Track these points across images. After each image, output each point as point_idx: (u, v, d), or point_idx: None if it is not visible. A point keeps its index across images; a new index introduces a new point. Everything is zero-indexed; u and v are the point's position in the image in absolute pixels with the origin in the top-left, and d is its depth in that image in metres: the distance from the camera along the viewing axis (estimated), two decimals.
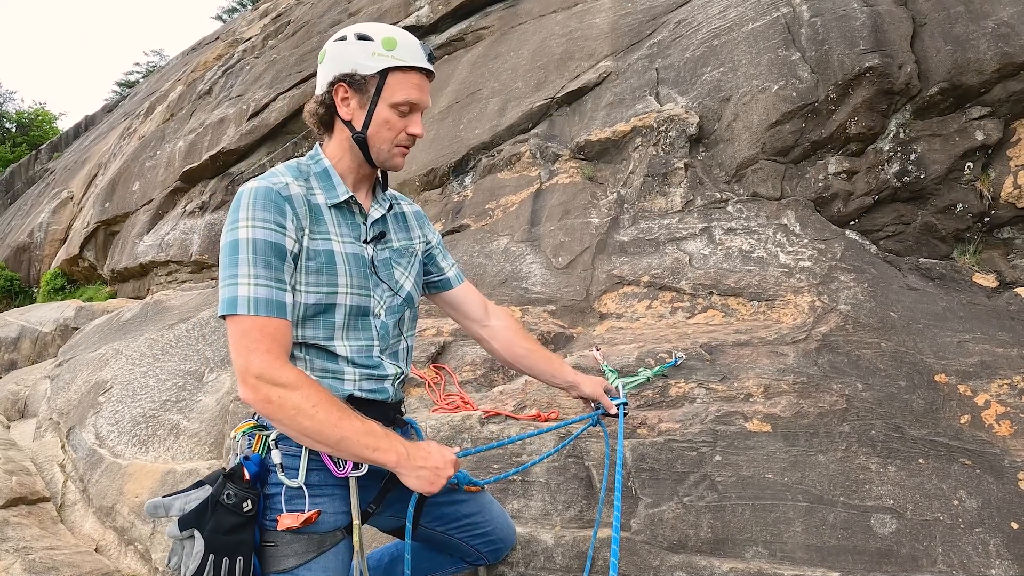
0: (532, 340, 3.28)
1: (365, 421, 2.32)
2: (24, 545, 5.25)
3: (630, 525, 3.47)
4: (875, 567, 3.18)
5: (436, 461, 2.40)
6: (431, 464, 2.38)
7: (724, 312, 4.99)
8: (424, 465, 2.36)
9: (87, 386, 8.25)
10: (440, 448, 2.46)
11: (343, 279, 2.45)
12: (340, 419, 2.25)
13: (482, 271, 6.52)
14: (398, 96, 2.48)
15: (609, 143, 6.82)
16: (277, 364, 2.23)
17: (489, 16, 10.84)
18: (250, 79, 16.17)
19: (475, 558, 3.12)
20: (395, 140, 2.54)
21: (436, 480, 2.38)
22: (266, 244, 2.29)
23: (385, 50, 2.45)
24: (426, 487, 2.37)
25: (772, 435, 3.68)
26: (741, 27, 6.65)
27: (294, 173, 2.50)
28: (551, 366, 3.26)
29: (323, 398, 2.25)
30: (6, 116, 52.05)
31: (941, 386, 3.93)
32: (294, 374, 2.25)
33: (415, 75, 2.51)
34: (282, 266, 2.31)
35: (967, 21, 5.44)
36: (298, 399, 2.20)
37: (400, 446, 2.35)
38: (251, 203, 2.33)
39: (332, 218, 2.51)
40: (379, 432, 2.33)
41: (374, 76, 2.46)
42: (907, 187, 5.46)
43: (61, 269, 20.60)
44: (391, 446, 2.33)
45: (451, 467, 2.43)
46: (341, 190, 2.54)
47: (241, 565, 2.27)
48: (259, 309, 2.24)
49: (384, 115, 2.48)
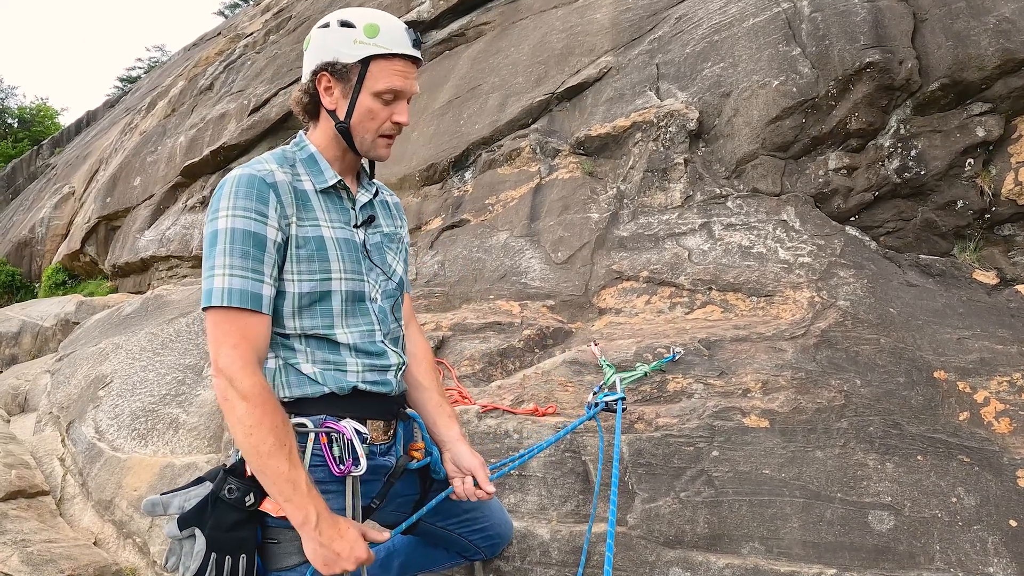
0: (433, 379, 2.97)
1: (294, 468, 2.18)
2: (23, 538, 5.25)
3: (626, 520, 3.46)
4: (872, 564, 3.17)
5: (340, 548, 2.19)
6: (334, 548, 2.18)
7: (723, 307, 4.99)
8: (326, 544, 2.18)
9: (87, 380, 8.25)
10: (357, 538, 2.24)
11: (336, 264, 2.42)
12: (270, 453, 2.15)
13: (481, 266, 6.52)
14: (380, 84, 2.42)
15: (609, 138, 6.81)
16: (239, 365, 2.19)
17: (490, 11, 10.82)
18: (251, 74, 16.17)
19: (472, 553, 3.11)
20: (379, 130, 2.49)
21: (330, 564, 2.19)
22: (244, 234, 2.25)
23: (367, 37, 2.40)
24: (318, 564, 2.20)
25: (770, 431, 3.67)
26: (742, 22, 6.63)
27: (279, 160, 2.46)
28: (437, 412, 2.90)
29: (263, 422, 2.16)
30: (8, 112, 52.02)
31: (940, 383, 3.92)
32: (250, 383, 2.18)
33: (399, 62, 2.45)
34: (261, 256, 2.27)
35: (968, 17, 5.43)
36: (242, 412, 2.15)
37: (313, 511, 2.17)
38: (233, 192, 2.29)
39: (320, 204, 2.47)
40: (301, 486, 2.17)
41: (356, 64, 2.41)
42: (907, 183, 5.44)
43: (62, 264, 20.60)
44: (303, 505, 2.16)
45: (352, 563, 2.20)
46: (329, 175, 2.51)
47: (244, 563, 2.23)
48: (232, 300, 2.21)
49: (367, 104, 2.44)
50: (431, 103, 9.63)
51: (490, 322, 5.49)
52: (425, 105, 9.65)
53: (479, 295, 6.13)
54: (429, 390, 2.91)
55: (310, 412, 2.41)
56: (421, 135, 9.10)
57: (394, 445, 2.67)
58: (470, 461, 2.78)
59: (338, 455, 2.38)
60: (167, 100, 20.59)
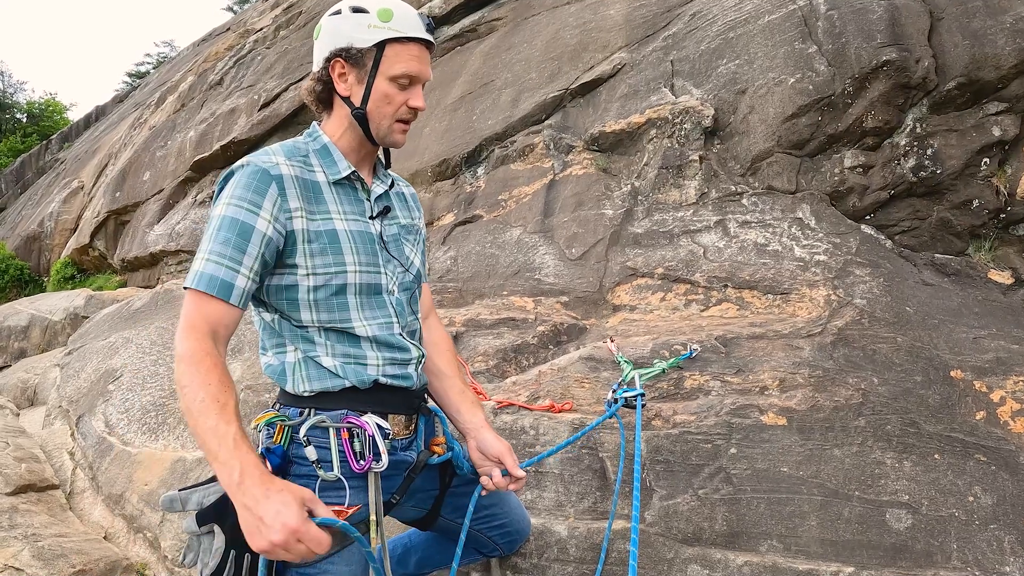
0: (455, 367, 2.93)
1: (224, 423, 2.01)
2: (33, 532, 5.25)
3: (644, 517, 3.46)
4: (890, 562, 3.17)
5: (263, 511, 1.90)
6: (257, 512, 1.90)
7: (739, 305, 4.98)
8: (250, 507, 1.91)
9: (97, 374, 8.25)
10: (289, 502, 1.93)
11: (350, 257, 2.40)
12: (199, 411, 2.02)
13: (495, 262, 6.51)
14: (397, 68, 2.40)
15: (623, 135, 6.80)
16: (184, 334, 2.16)
17: (502, 7, 10.81)
18: (261, 69, 16.18)
19: (491, 549, 3.10)
20: (395, 115, 2.46)
21: (252, 534, 1.91)
22: (232, 222, 2.24)
23: (381, 21, 2.37)
24: (245, 531, 1.94)
25: (787, 428, 3.66)
26: (757, 19, 6.62)
27: (288, 152, 2.44)
28: (460, 399, 2.85)
29: (194, 380, 2.07)
30: (17, 106, 52.16)
31: (957, 382, 3.92)
32: (187, 346, 2.13)
33: (414, 46, 2.42)
34: (244, 246, 2.24)
35: (985, 16, 5.42)
36: (179, 374, 2.10)
37: (237, 469, 1.95)
38: (234, 181, 2.31)
39: (334, 195, 2.46)
40: (228, 441, 1.98)
41: (371, 49, 2.39)
42: (923, 182, 5.43)
43: (71, 258, 20.62)
44: (227, 460, 1.96)
45: (279, 532, 1.88)
46: (343, 165, 2.49)
47: (263, 561, 2.21)
48: (201, 284, 2.20)
49: (383, 89, 2.41)
50: (443, 98, 9.62)
51: (504, 318, 5.48)
52: (437, 100, 9.64)
53: (492, 291, 6.12)
54: (451, 377, 2.88)
55: (331, 407, 2.40)
56: (433, 130, 9.09)
57: (415, 440, 2.65)
58: (497, 447, 2.72)
59: (359, 450, 2.36)
60: (176, 95, 20.60)
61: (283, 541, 1.89)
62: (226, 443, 1.97)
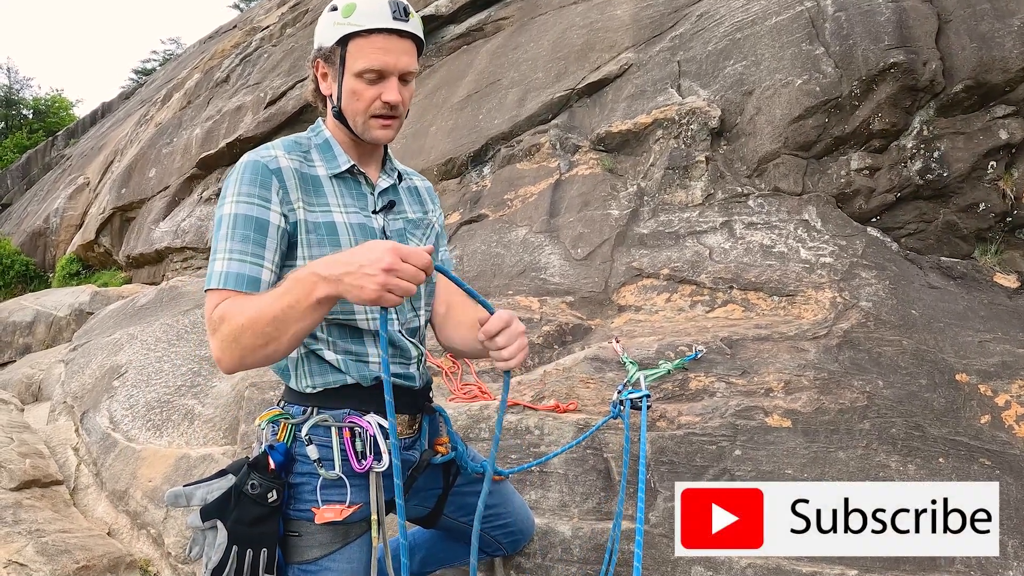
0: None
1: (277, 297, 2.05)
2: (37, 528, 5.25)
3: (649, 518, 3.45)
4: (893, 565, 3.16)
5: (356, 257, 1.97)
6: (353, 262, 1.96)
7: (744, 306, 4.97)
8: (344, 264, 1.97)
9: (101, 370, 8.25)
10: (372, 243, 2.02)
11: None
12: (254, 312, 2.05)
13: (500, 261, 6.51)
14: (359, 64, 2.33)
15: (630, 135, 6.80)
16: (216, 327, 2.13)
17: (508, 7, 10.82)
18: (267, 67, 16.20)
19: (494, 548, 3.10)
20: (368, 111, 2.39)
21: (360, 278, 1.95)
22: (246, 219, 2.24)
23: (344, 17, 2.33)
24: (351, 294, 1.98)
25: (792, 430, 3.65)
26: (764, 21, 6.61)
27: (288, 147, 2.43)
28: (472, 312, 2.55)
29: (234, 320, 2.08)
30: (23, 103, 52.16)
31: (962, 385, 3.92)
32: (222, 309, 2.12)
33: (378, 38, 2.32)
34: (263, 240, 2.24)
35: (992, 19, 5.41)
36: (229, 326, 2.09)
37: (308, 272, 2.03)
38: (239, 178, 2.29)
39: (334, 189, 2.45)
40: (284, 285, 2.07)
41: (335, 46, 2.36)
42: (929, 185, 5.43)
43: (76, 254, 20.69)
44: (302, 279, 2.03)
45: (387, 255, 1.94)
46: (342, 159, 2.48)
47: (265, 556, 2.22)
48: (229, 283, 2.18)
49: (350, 85, 2.37)
50: (450, 97, 9.63)
51: None
52: (444, 99, 9.65)
53: (498, 290, 6.12)
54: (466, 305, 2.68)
55: (333, 406, 2.40)
56: (439, 129, 9.10)
57: (418, 439, 2.64)
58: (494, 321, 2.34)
59: (360, 450, 2.36)
60: (183, 92, 20.65)
61: (391, 263, 1.92)
62: (283, 287, 2.06)
